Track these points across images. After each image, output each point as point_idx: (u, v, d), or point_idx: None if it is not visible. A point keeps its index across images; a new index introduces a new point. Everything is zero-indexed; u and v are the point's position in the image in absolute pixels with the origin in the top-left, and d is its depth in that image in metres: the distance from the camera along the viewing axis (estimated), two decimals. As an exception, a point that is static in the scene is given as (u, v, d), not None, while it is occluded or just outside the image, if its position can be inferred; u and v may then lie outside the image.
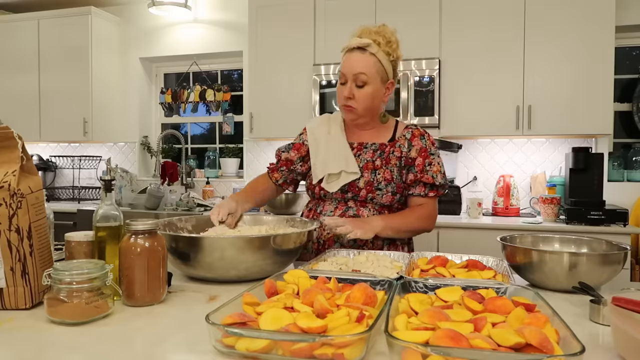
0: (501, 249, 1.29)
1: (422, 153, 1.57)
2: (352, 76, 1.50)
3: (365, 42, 1.48)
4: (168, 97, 4.27)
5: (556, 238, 1.38)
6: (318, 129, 1.67)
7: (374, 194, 1.55)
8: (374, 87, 1.52)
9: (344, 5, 3.34)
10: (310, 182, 1.65)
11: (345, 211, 1.58)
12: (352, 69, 1.50)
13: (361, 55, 1.49)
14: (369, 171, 1.57)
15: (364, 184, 1.56)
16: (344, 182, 1.56)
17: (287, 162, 1.69)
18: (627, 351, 0.76)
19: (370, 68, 1.49)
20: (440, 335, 0.68)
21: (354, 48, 1.51)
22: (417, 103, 3.14)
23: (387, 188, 1.56)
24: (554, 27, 2.99)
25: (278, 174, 1.70)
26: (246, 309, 0.86)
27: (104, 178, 1.15)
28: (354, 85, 1.51)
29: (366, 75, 1.49)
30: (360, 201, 1.58)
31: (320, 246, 1.60)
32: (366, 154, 1.60)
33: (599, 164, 2.95)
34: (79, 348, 0.82)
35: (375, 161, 1.58)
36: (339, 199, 1.60)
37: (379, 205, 1.58)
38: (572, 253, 1.16)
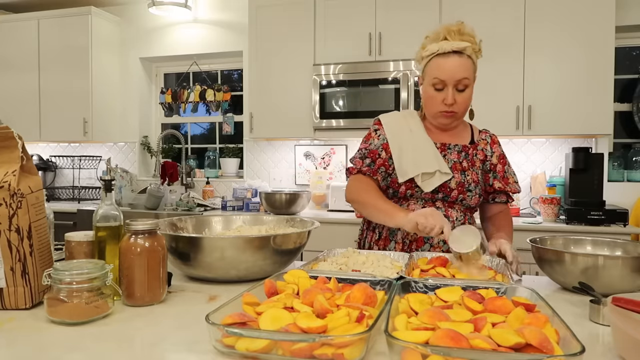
0: (532, 251, 1.29)
1: (501, 160, 1.63)
2: (455, 81, 1.47)
3: (463, 45, 1.45)
4: (168, 97, 4.27)
5: (588, 240, 1.38)
6: (397, 125, 1.61)
7: (465, 195, 1.54)
8: (471, 90, 1.51)
9: (344, 5, 3.34)
10: (393, 180, 1.56)
11: None
12: (454, 74, 1.46)
13: (460, 59, 1.46)
14: (458, 172, 1.55)
15: (455, 185, 1.53)
16: (439, 182, 1.52)
17: (384, 162, 1.57)
18: (627, 351, 0.76)
19: (470, 71, 1.48)
20: (440, 335, 0.68)
21: (449, 52, 1.46)
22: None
23: (476, 190, 1.56)
24: (554, 27, 2.99)
25: (379, 175, 1.56)
26: (246, 309, 0.86)
27: (104, 178, 1.15)
28: (456, 90, 1.48)
29: (468, 79, 1.48)
30: (449, 202, 1.55)
31: (406, 247, 1.56)
32: (451, 155, 1.58)
33: (599, 164, 2.95)
34: (79, 348, 0.82)
35: (462, 162, 1.57)
36: (426, 199, 1.55)
37: (465, 206, 1.57)
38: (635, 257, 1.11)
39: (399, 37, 3.24)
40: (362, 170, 1.56)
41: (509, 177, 1.62)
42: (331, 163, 3.78)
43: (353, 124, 3.27)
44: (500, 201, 1.65)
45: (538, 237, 1.36)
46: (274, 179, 3.92)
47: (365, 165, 1.57)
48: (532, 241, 1.31)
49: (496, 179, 1.61)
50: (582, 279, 1.12)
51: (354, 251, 1.38)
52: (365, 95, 3.24)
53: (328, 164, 3.79)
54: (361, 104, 3.25)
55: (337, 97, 3.31)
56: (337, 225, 3.07)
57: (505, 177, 1.62)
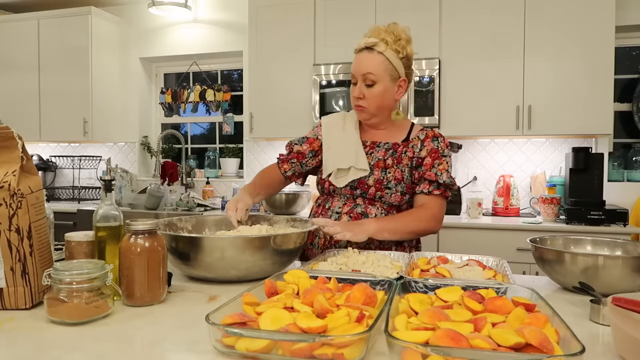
0: (533, 251, 1.28)
1: (433, 154, 1.56)
2: (361, 76, 1.52)
3: (372, 42, 1.49)
4: (168, 97, 4.27)
5: (588, 240, 1.37)
6: (333, 124, 1.68)
7: (383, 192, 1.55)
8: (383, 86, 1.52)
9: (344, 5, 3.34)
10: (321, 177, 1.65)
11: (353, 208, 1.57)
12: (360, 69, 1.52)
13: (369, 54, 1.50)
14: (379, 169, 1.56)
15: (373, 182, 1.55)
16: (353, 178, 1.56)
17: (298, 155, 1.68)
18: (627, 351, 0.76)
19: (377, 67, 1.50)
20: (440, 335, 0.68)
21: (362, 48, 1.52)
22: (417, 103, 3.14)
23: (397, 187, 1.55)
24: (554, 27, 2.99)
25: (287, 165, 1.70)
26: (246, 309, 0.86)
27: (104, 178, 1.15)
28: (364, 85, 1.53)
29: (374, 75, 1.50)
30: (369, 199, 1.57)
31: (327, 242, 1.58)
32: (378, 153, 1.60)
33: (599, 164, 2.95)
34: (79, 348, 0.82)
35: (387, 160, 1.58)
36: (347, 196, 1.60)
37: (387, 204, 1.57)
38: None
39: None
40: (278, 158, 1.73)
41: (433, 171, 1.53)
42: (331, 163, 3.78)
43: (353, 124, 3.27)
44: (421, 191, 1.54)
45: (538, 237, 1.35)
46: (274, 179, 3.92)
47: (282, 155, 1.72)
48: (532, 241, 1.31)
49: (418, 171, 1.56)
50: (582, 279, 1.12)
51: (354, 251, 1.38)
52: (365, 95, 3.24)
53: (328, 164, 3.79)
54: (361, 104, 3.25)
55: (337, 97, 3.31)
56: (337, 225, 3.06)
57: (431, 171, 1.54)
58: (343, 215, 1.58)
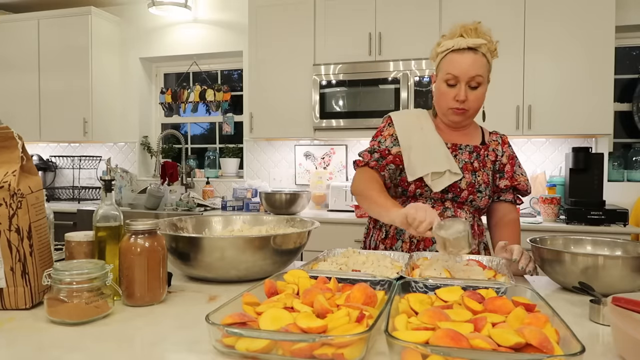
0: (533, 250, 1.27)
1: (511, 160, 1.61)
2: (468, 78, 1.45)
3: (479, 42, 1.45)
4: (168, 97, 4.27)
5: (588, 240, 1.37)
6: (408, 122, 1.60)
7: (475, 195, 1.53)
8: (484, 88, 1.50)
9: (344, 5, 3.34)
10: (402, 179, 1.54)
11: (443, 211, 1.52)
12: (467, 71, 1.45)
13: (474, 56, 1.46)
14: (468, 172, 1.53)
15: (466, 185, 1.52)
16: (449, 182, 1.50)
17: (395, 158, 1.54)
18: (627, 351, 0.76)
19: (484, 69, 1.47)
20: (440, 335, 0.68)
21: (464, 48, 1.46)
22: (417, 103, 3.14)
23: (486, 191, 1.55)
24: (554, 26, 2.99)
25: (386, 171, 1.54)
26: (246, 309, 0.86)
27: (104, 178, 1.15)
28: (468, 88, 1.47)
29: (482, 77, 1.46)
30: (458, 202, 1.53)
31: (414, 246, 1.52)
32: (463, 155, 1.56)
33: (599, 164, 2.95)
34: (79, 348, 0.82)
35: (473, 163, 1.55)
36: (435, 199, 1.53)
37: (474, 207, 1.56)
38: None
39: (399, 37, 3.24)
40: (369, 164, 1.54)
41: (517, 177, 1.60)
42: (331, 163, 3.78)
43: (353, 124, 3.27)
44: (506, 199, 1.60)
45: (538, 237, 1.36)
46: (274, 179, 3.92)
47: (373, 159, 1.54)
48: (532, 241, 1.31)
49: (503, 178, 1.60)
50: (582, 279, 1.12)
51: (354, 251, 1.38)
52: (365, 95, 3.24)
53: (328, 164, 3.79)
54: (361, 104, 3.25)
55: (337, 97, 3.31)
56: (337, 225, 3.07)
57: (514, 177, 1.60)
58: None
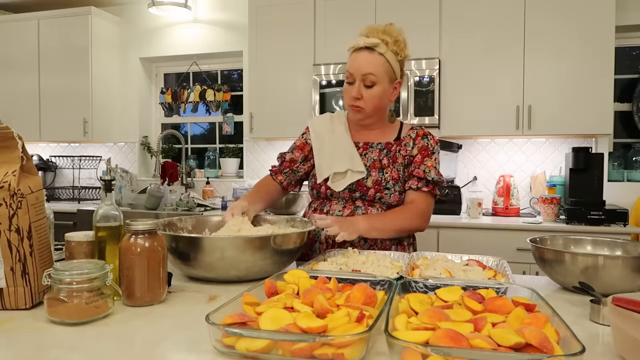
0: (533, 252, 1.27)
1: (423, 151, 1.57)
2: (361, 76, 1.49)
3: (373, 42, 1.47)
4: (168, 97, 4.27)
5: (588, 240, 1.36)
6: (321, 127, 1.66)
7: (382, 193, 1.54)
8: (382, 87, 1.51)
9: (344, 5, 3.34)
10: (315, 181, 1.63)
11: (354, 210, 1.56)
12: (360, 69, 1.48)
13: (369, 55, 1.48)
14: (376, 170, 1.56)
15: (372, 183, 1.55)
16: (350, 181, 1.55)
17: (290, 163, 1.68)
18: (627, 351, 0.76)
19: (378, 68, 1.48)
20: (440, 335, 0.68)
21: (361, 47, 1.49)
22: (417, 103, 3.14)
23: (395, 187, 1.55)
24: (553, 26, 2.99)
25: (282, 176, 1.69)
26: (246, 309, 0.86)
27: (104, 178, 1.15)
28: (362, 85, 1.50)
29: (375, 76, 1.48)
30: (368, 200, 1.56)
31: (330, 246, 1.57)
32: (372, 153, 1.59)
33: (599, 164, 2.95)
34: (79, 348, 0.82)
35: (382, 160, 1.57)
36: (346, 198, 1.58)
37: (386, 204, 1.57)
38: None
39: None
40: (271, 171, 1.72)
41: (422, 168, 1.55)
42: (331, 163, 3.78)
43: (353, 124, 3.27)
44: (410, 187, 1.55)
45: (538, 237, 1.35)
46: (274, 179, 3.92)
47: (275, 166, 1.72)
48: (532, 241, 1.31)
49: (408, 168, 1.58)
50: (582, 279, 1.12)
51: (354, 251, 1.38)
52: (365, 95, 3.24)
53: (328, 164, 3.78)
54: (361, 104, 3.25)
55: (337, 97, 3.31)
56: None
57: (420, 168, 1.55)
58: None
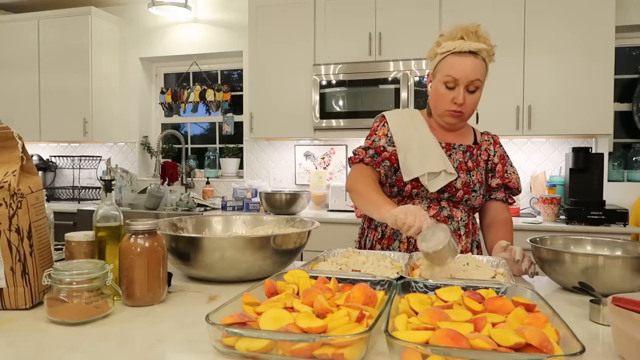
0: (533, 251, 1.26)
1: (502, 160, 1.63)
2: (467, 82, 1.46)
3: (480, 47, 1.45)
4: (168, 97, 4.27)
5: (588, 240, 1.37)
6: (404, 123, 1.60)
7: (470, 195, 1.54)
8: (480, 92, 1.51)
9: (344, 5, 3.34)
10: (399, 178, 1.53)
11: (439, 211, 1.53)
12: (468, 74, 1.45)
13: (475, 60, 1.46)
14: (463, 172, 1.55)
15: (461, 185, 1.53)
16: (444, 182, 1.51)
17: (390, 156, 1.54)
18: (627, 351, 0.76)
19: (483, 74, 1.48)
20: (440, 335, 0.68)
21: (466, 52, 1.45)
22: (417, 103, 3.14)
23: (480, 190, 1.57)
24: (554, 27, 2.99)
25: (382, 168, 1.53)
26: (246, 309, 0.86)
27: (104, 178, 1.15)
28: (466, 91, 1.48)
29: (480, 82, 1.47)
30: (454, 202, 1.55)
31: (412, 246, 1.53)
32: (457, 155, 1.57)
33: (599, 164, 2.95)
34: (79, 348, 0.82)
35: (467, 162, 1.57)
36: (431, 198, 1.54)
37: (469, 206, 1.57)
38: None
39: (399, 37, 3.24)
40: (364, 160, 1.53)
41: (508, 175, 1.62)
42: (331, 163, 3.78)
43: (353, 124, 3.27)
44: (497, 198, 1.62)
45: (538, 237, 1.35)
46: (274, 179, 3.92)
47: (368, 156, 1.54)
48: (532, 241, 1.31)
49: (494, 177, 1.62)
50: (582, 279, 1.12)
51: (354, 251, 1.38)
52: (366, 95, 3.24)
53: (328, 164, 3.79)
54: (361, 104, 3.25)
55: (337, 97, 3.31)
56: (337, 225, 3.07)
57: (505, 175, 1.62)
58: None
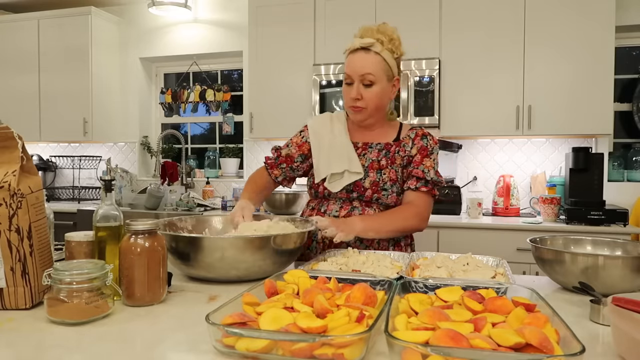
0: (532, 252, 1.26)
1: (422, 151, 1.58)
2: (359, 77, 1.50)
3: (368, 42, 1.48)
4: (168, 97, 4.27)
5: (588, 240, 1.36)
6: (320, 126, 1.66)
7: (380, 194, 1.55)
8: (381, 86, 1.52)
9: (344, 5, 3.34)
10: (313, 181, 1.63)
11: (350, 211, 1.57)
12: (358, 69, 1.50)
13: (366, 55, 1.49)
14: (374, 171, 1.56)
15: (369, 184, 1.55)
16: (347, 182, 1.56)
17: (287, 159, 1.67)
18: (627, 351, 0.76)
19: (375, 67, 1.49)
20: (440, 335, 0.68)
21: (357, 48, 1.51)
22: (417, 103, 3.14)
23: (392, 188, 1.56)
24: (553, 27, 2.99)
25: (277, 170, 1.68)
26: (246, 309, 0.86)
27: (104, 178, 1.15)
28: (361, 86, 1.51)
29: (373, 75, 1.49)
30: (365, 201, 1.57)
31: (327, 247, 1.57)
32: (371, 154, 1.59)
33: (599, 164, 2.95)
34: (79, 348, 0.82)
35: (381, 161, 1.57)
36: (343, 199, 1.59)
37: (383, 205, 1.57)
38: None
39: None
40: (266, 163, 1.71)
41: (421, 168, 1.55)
42: (331, 163, 3.78)
43: (353, 124, 3.27)
44: (408, 187, 1.55)
45: (538, 237, 1.35)
46: (274, 179, 3.92)
47: (270, 159, 1.70)
48: (532, 241, 1.31)
49: (407, 169, 1.58)
50: (582, 279, 1.12)
51: (354, 251, 1.38)
52: (365, 95, 3.24)
53: (328, 164, 3.79)
54: (361, 104, 3.25)
55: (337, 97, 3.31)
56: (337, 225, 3.06)
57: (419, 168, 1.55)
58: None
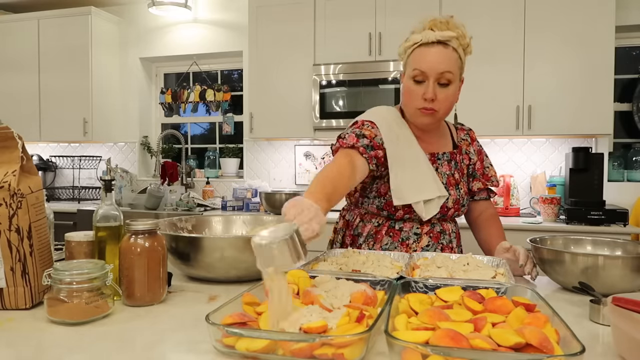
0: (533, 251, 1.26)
1: (479, 155, 1.55)
2: (437, 74, 1.31)
3: (448, 35, 1.31)
4: (168, 97, 4.27)
5: (588, 240, 1.36)
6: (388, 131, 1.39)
7: (459, 210, 1.46)
8: (455, 87, 1.36)
9: (344, 5, 3.34)
10: (388, 202, 1.40)
11: (431, 228, 1.46)
12: (436, 66, 1.31)
13: (445, 50, 1.32)
14: (452, 187, 1.44)
15: (452, 203, 1.43)
16: (438, 206, 1.40)
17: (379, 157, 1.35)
18: (627, 351, 0.76)
19: (454, 65, 1.33)
20: (440, 335, 0.68)
21: (433, 42, 1.32)
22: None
23: (467, 199, 1.49)
24: (554, 26, 2.99)
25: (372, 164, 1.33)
26: (246, 309, 0.86)
27: (104, 178, 1.15)
28: (437, 85, 1.33)
29: (452, 74, 1.32)
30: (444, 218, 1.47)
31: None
32: (443, 167, 1.46)
33: (599, 164, 2.95)
34: (79, 348, 0.82)
35: (454, 174, 1.46)
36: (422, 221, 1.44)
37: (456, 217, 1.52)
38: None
39: (398, 37, 3.22)
40: (356, 147, 1.30)
41: (488, 173, 1.54)
42: (331, 163, 3.78)
43: (353, 124, 3.27)
44: (481, 198, 1.56)
45: (538, 237, 1.35)
46: (274, 179, 3.92)
47: (361, 144, 1.31)
48: (532, 241, 1.31)
49: (476, 179, 1.54)
50: (582, 279, 1.12)
51: (354, 251, 1.37)
52: (365, 95, 3.24)
53: (328, 164, 3.78)
54: (361, 104, 3.25)
55: (337, 97, 3.31)
56: (337, 225, 3.06)
57: (485, 173, 1.54)
58: (423, 236, 1.45)
